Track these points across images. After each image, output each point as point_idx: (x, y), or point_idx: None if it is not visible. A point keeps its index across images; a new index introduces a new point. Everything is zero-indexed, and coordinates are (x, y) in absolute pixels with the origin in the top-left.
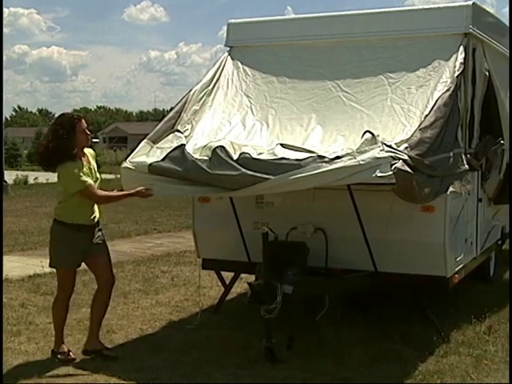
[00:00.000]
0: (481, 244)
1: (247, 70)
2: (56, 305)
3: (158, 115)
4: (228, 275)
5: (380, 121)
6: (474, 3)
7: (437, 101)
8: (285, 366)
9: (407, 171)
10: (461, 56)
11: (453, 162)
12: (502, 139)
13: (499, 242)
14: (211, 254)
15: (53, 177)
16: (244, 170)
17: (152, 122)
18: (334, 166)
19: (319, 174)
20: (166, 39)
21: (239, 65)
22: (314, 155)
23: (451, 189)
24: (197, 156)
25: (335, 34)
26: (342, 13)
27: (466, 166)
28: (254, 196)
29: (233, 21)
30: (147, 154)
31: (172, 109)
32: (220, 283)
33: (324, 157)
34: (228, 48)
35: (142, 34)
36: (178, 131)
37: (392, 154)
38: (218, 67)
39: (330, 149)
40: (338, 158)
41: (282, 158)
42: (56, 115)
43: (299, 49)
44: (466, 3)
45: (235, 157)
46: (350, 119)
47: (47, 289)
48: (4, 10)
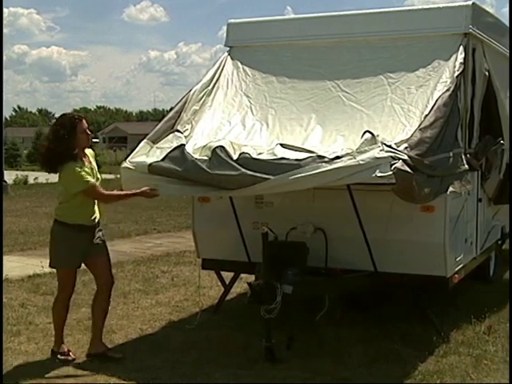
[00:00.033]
0: (481, 244)
1: (247, 69)
2: (56, 305)
3: (157, 115)
4: (228, 275)
5: (380, 121)
6: (473, 3)
7: (437, 101)
8: (284, 365)
9: (407, 171)
10: (460, 56)
11: (453, 161)
12: (502, 139)
13: (499, 242)
14: (211, 254)
15: (53, 177)
16: (244, 170)
17: (152, 122)
18: (333, 165)
19: (319, 173)
20: (166, 39)
21: (239, 65)
22: (314, 155)
23: (451, 189)
24: (197, 156)
25: (335, 34)
26: (341, 13)
27: (466, 165)
28: (253, 196)
29: (232, 21)
30: (147, 153)
31: (172, 109)
32: (220, 283)
33: (324, 157)
34: (228, 48)
35: (141, 34)
36: (178, 131)
37: (392, 154)
38: (218, 67)
39: (329, 149)
40: (338, 157)
41: (282, 158)
42: (56, 115)
43: (299, 49)
44: (465, 3)
45: (235, 157)
46: (349, 119)
47: (47, 289)
48: (4, 10)
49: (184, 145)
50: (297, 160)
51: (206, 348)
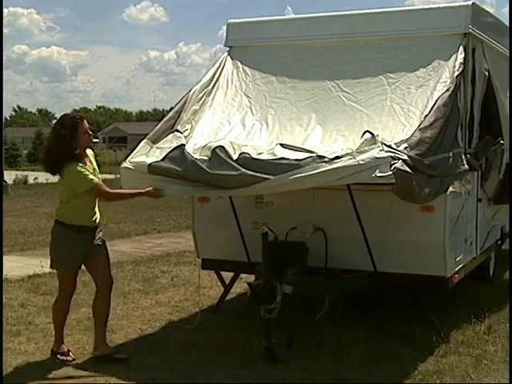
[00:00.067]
0: (480, 244)
1: (247, 69)
2: (57, 304)
3: (157, 115)
4: (228, 275)
5: (380, 121)
6: (473, 3)
7: (436, 101)
8: (284, 365)
9: (407, 171)
10: (460, 56)
11: (452, 161)
12: (502, 139)
13: (499, 242)
14: (211, 254)
15: (53, 177)
16: (244, 170)
17: (152, 121)
18: (333, 165)
19: (319, 173)
20: (166, 39)
21: (239, 65)
22: (314, 155)
23: (451, 189)
24: (196, 156)
25: (335, 34)
26: (341, 13)
27: (466, 165)
28: (253, 196)
29: (232, 21)
30: (147, 153)
31: (172, 109)
32: (220, 283)
33: (324, 157)
34: (228, 48)
35: (141, 34)
36: (178, 131)
37: (392, 154)
38: (218, 67)
39: (329, 149)
40: (338, 157)
41: (282, 158)
42: (56, 115)
43: (299, 49)
44: (465, 3)
45: (235, 157)
46: (349, 119)
47: (47, 289)
48: (4, 10)
49: (184, 145)
50: (297, 160)
51: (205, 348)
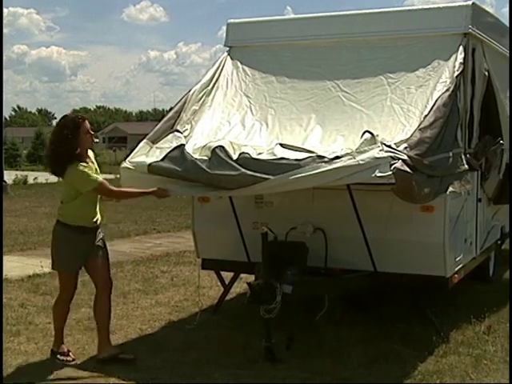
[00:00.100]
0: (480, 244)
1: (247, 69)
2: (57, 305)
3: (157, 115)
4: (227, 275)
5: (379, 121)
6: (473, 3)
7: (436, 101)
8: (284, 365)
9: (406, 171)
10: (460, 56)
11: (452, 162)
12: (502, 139)
13: (499, 242)
14: (211, 254)
15: (52, 177)
16: (243, 170)
17: (151, 122)
18: (333, 165)
19: (318, 173)
20: (166, 39)
21: (239, 65)
22: (314, 155)
23: (451, 189)
24: (196, 156)
25: (334, 34)
26: (341, 13)
27: (466, 165)
28: (253, 196)
29: (232, 21)
30: (147, 154)
31: (171, 109)
32: (219, 283)
33: (323, 157)
34: (227, 48)
35: (141, 34)
36: (178, 131)
37: (391, 154)
38: (218, 67)
39: (329, 149)
40: (338, 157)
41: (282, 158)
42: (55, 115)
43: (299, 49)
44: (465, 3)
45: (235, 157)
46: (349, 119)
47: (46, 289)
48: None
49: (184, 145)
50: (296, 160)
51: (205, 348)
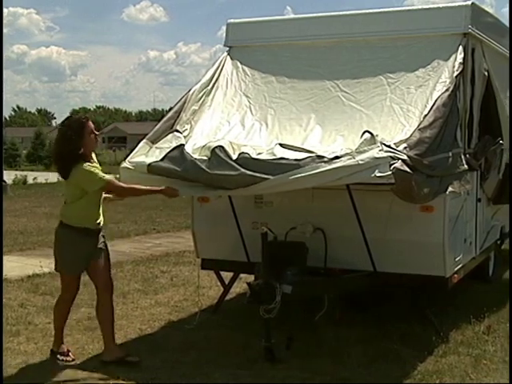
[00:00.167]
0: (480, 244)
1: (246, 69)
2: (58, 305)
3: (157, 115)
4: (227, 275)
5: (379, 121)
6: (473, 3)
7: (436, 101)
8: (284, 365)
9: (406, 171)
10: (460, 56)
11: (452, 161)
12: (501, 139)
13: (498, 242)
14: (210, 254)
15: (52, 177)
16: (243, 170)
17: (151, 122)
18: (332, 165)
19: (318, 173)
20: (165, 39)
21: (238, 65)
22: (313, 155)
23: (450, 189)
24: (196, 156)
25: (334, 34)
26: (340, 13)
27: (465, 165)
28: (253, 196)
29: (232, 21)
30: (146, 154)
31: (171, 109)
32: (219, 283)
33: (323, 157)
34: (227, 48)
35: (141, 34)
36: (177, 131)
37: (391, 154)
38: (217, 67)
39: (329, 149)
40: (337, 157)
41: (281, 158)
42: (55, 115)
43: (298, 49)
44: (465, 3)
45: (234, 157)
46: (349, 119)
47: (46, 289)
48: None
49: (183, 145)
50: (296, 160)
51: (205, 348)
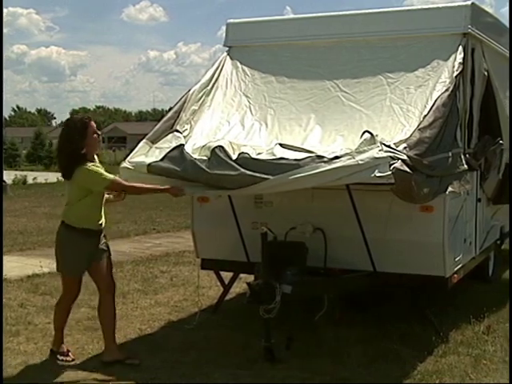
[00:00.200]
0: (480, 244)
1: (246, 69)
2: (59, 305)
3: (156, 115)
4: (227, 275)
5: (379, 121)
6: (472, 3)
7: (436, 101)
8: (284, 365)
9: (406, 171)
10: (460, 56)
11: (452, 161)
12: (501, 139)
13: (498, 242)
14: (210, 254)
15: (52, 177)
16: (243, 170)
17: (151, 122)
18: (332, 165)
19: (318, 173)
20: (165, 39)
21: (238, 65)
22: (313, 155)
23: (450, 189)
24: (196, 156)
25: (334, 34)
26: (340, 13)
27: (465, 165)
28: (252, 196)
29: (232, 21)
30: (146, 154)
31: (171, 109)
32: (219, 283)
33: (323, 157)
34: (227, 48)
35: (140, 34)
36: (177, 131)
37: (391, 154)
38: (217, 67)
39: (328, 149)
40: (337, 157)
41: (281, 158)
42: (55, 115)
43: (298, 49)
44: (464, 3)
45: (234, 157)
46: (348, 119)
47: (46, 289)
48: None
49: (183, 145)
50: (296, 160)
51: (205, 348)
